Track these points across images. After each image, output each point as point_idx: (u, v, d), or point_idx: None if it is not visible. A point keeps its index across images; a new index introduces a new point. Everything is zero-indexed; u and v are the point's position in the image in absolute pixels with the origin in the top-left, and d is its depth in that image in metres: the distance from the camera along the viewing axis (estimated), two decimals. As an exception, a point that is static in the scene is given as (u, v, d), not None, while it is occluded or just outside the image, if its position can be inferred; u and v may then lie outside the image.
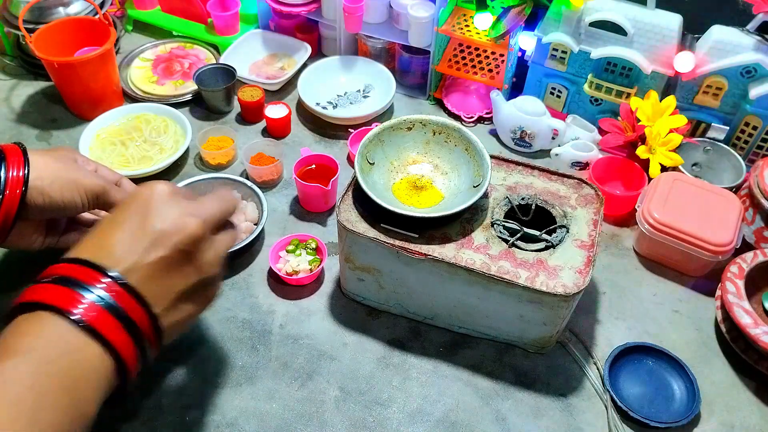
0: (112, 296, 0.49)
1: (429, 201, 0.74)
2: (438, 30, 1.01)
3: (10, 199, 0.63)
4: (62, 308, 0.47)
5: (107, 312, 0.48)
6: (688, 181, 0.85)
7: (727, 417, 0.72)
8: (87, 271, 0.50)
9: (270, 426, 0.69)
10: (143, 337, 0.51)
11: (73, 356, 0.47)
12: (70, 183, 0.67)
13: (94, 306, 0.48)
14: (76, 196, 0.67)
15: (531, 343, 0.75)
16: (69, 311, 0.47)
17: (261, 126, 1.05)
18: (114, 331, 0.48)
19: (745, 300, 0.73)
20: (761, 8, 0.85)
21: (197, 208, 0.56)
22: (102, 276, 0.49)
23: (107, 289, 0.49)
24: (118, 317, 0.49)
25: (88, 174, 0.69)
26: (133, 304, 0.50)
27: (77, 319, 0.47)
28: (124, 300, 0.49)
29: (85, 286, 0.49)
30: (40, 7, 1.07)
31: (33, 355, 0.46)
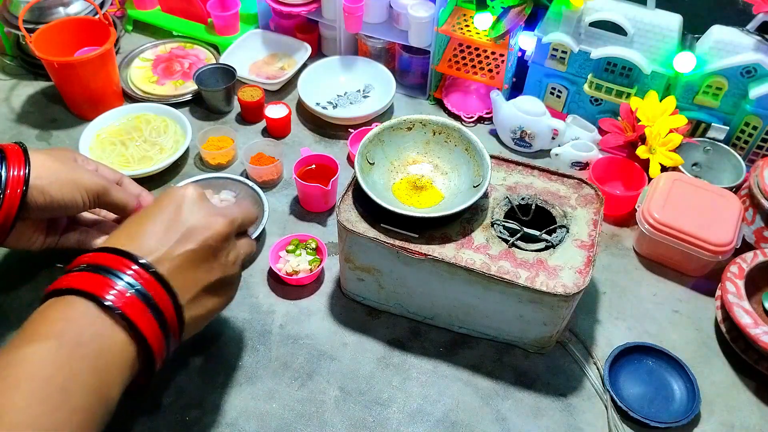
0: (141, 283, 0.51)
1: (429, 201, 0.74)
2: (438, 30, 1.01)
3: (11, 199, 0.64)
4: (94, 293, 0.49)
5: (137, 298, 0.50)
6: (688, 181, 0.85)
7: (727, 417, 0.72)
8: (117, 259, 0.51)
9: (270, 426, 0.69)
10: (168, 327, 0.52)
11: (102, 340, 0.48)
12: (71, 182, 0.67)
13: (124, 292, 0.50)
14: (76, 195, 0.67)
15: (531, 343, 0.75)
16: (101, 296, 0.49)
17: (261, 126, 1.05)
18: (143, 317, 0.50)
19: (745, 300, 0.73)
20: (761, 8, 0.85)
21: (224, 210, 0.60)
22: (132, 263, 0.51)
23: (136, 276, 0.51)
24: (147, 304, 0.51)
25: (88, 173, 0.69)
26: (162, 293, 0.52)
27: (109, 305, 0.49)
28: (153, 288, 0.51)
29: (115, 273, 0.50)
30: (40, 7, 1.07)
31: (64, 338, 0.47)
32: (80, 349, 0.47)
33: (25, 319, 0.76)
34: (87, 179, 0.68)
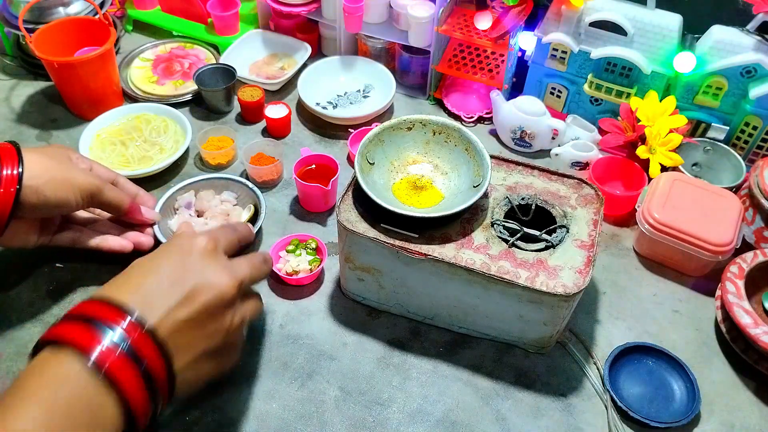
0: (132, 341, 0.48)
1: (429, 201, 0.74)
2: (438, 30, 1.01)
3: (5, 198, 0.63)
4: (80, 349, 0.46)
5: (126, 358, 0.47)
6: (688, 181, 0.85)
7: (727, 417, 0.72)
8: (112, 310, 0.49)
9: (270, 426, 0.69)
10: (157, 390, 0.49)
11: (84, 401, 0.46)
12: (65, 182, 0.67)
13: (114, 350, 0.47)
14: (70, 194, 0.67)
15: (531, 343, 0.75)
16: (87, 354, 0.46)
17: (261, 126, 1.05)
18: (129, 379, 0.47)
19: (745, 300, 0.73)
20: (761, 8, 0.85)
21: (234, 268, 0.56)
22: (126, 316, 0.49)
23: (129, 332, 0.48)
24: (136, 364, 0.48)
25: (82, 173, 0.69)
26: (154, 354, 0.49)
27: (92, 364, 0.46)
28: (146, 347, 0.48)
29: (107, 326, 0.48)
30: (40, 7, 1.07)
31: (45, 395, 0.45)
32: (60, 409, 0.45)
33: (25, 319, 0.76)
34: (81, 179, 0.68)
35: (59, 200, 0.66)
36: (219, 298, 0.54)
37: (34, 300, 0.78)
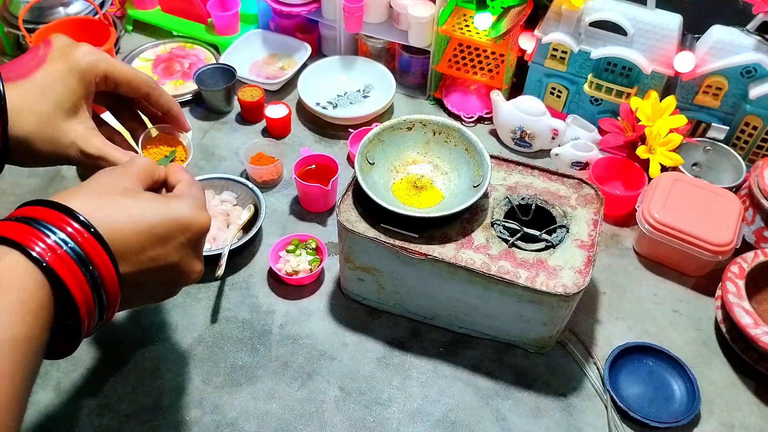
0: (77, 242, 0.44)
1: (429, 201, 0.74)
2: (438, 30, 1.01)
3: None
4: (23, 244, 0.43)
5: (68, 255, 0.44)
6: (688, 181, 0.85)
7: (727, 417, 0.72)
8: (53, 213, 0.45)
9: (270, 426, 0.69)
10: (104, 294, 0.46)
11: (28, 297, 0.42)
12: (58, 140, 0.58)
13: (54, 247, 0.43)
14: (67, 159, 0.59)
15: (531, 343, 0.75)
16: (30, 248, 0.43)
17: (261, 126, 1.05)
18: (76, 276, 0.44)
19: (745, 300, 0.73)
20: (761, 8, 0.85)
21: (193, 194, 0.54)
22: (68, 220, 0.45)
23: (73, 234, 0.45)
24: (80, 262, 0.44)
25: (85, 130, 0.60)
26: (100, 255, 0.45)
27: (37, 257, 0.42)
28: (91, 249, 0.45)
29: (50, 228, 0.44)
30: (40, 7, 1.07)
31: None
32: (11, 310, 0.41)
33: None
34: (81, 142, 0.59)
35: (51, 159, 0.58)
36: (174, 221, 0.51)
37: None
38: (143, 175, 0.54)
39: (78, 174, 0.95)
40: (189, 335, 0.76)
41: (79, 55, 0.60)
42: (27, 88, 0.57)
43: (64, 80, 0.59)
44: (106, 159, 0.60)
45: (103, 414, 0.69)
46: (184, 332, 0.77)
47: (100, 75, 0.61)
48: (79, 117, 0.60)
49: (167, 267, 0.52)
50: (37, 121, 0.57)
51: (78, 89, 0.59)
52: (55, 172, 0.95)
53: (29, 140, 0.57)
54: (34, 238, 0.43)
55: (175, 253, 0.52)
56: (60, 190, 0.84)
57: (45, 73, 0.58)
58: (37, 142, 0.57)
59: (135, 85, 0.64)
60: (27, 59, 0.59)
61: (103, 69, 0.61)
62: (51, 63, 0.59)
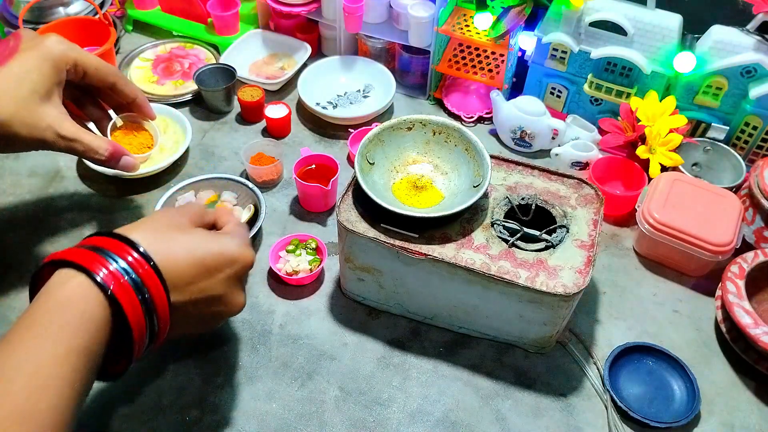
0: (136, 272, 0.49)
1: (429, 201, 0.74)
2: (438, 30, 1.01)
3: None
4: (87, 269, 0.48)
5: (129, 285, 0.49)
6: (688, 181, 0.85)
7: (727, 417, 0.72)
8: (117, 244, 0.50)
9: (270, 426, 0.69)
10: (156, 322, 0.51)
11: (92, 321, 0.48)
12: (35, 123, 0.61)
13: (117, 275, 0.48)
14: (43, 142, 0.62)
15: (531, 343, 0.75)
16: (93, 273, 0.48)
17: (261, 126, 1.05)
18: (133, 304, 0.49)
19: (745, 300, 0.73)
20: (761, 8, 0.85)
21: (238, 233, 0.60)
22: (130, 250, 0.50)
23: (133, 264, 0.49)
24: (139, 291, 0.49)
25: (59, 115, 0.62)
26: (156, 286, 0.50)
27: (99, 284, 0.47)
28: (149, 279, 0.50)
29: (111, 255, 0.49)
30: (40, 7, 1.07)
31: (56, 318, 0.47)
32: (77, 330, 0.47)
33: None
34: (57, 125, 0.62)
35: (30, 144, 0.61)
36: (222, 255, 0.56)
37: (34, 300, 0.78)
38: (195, 217, 0.59)
39: (78, 174, 0.95)
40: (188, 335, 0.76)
41: (50, 44, 0.63)
42: (3, 75, 0.60)
43: (38, 68, 0.61)
44: (80, 141, 0.64)
45: (103, 414, 0.69)
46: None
47: (70, 63, 0.64)
48: (53, 102, 0.63)
49: (213, 298, 0.56)
50: (15, 105, 0.59)
51: (51, 76, 0.62)
52: (55, 172, 0.95)
53: (8, 124, 0.59)
54: (99, 264, 0.48)
55: (221, 286, 0.56)
56: (60, 190, 0.87)
57: (19, 61, 0.61)
58: (15, 126, 0.60)
59: (103, 73, 0.68)
60: (0, 48, 0.62)
61: (74, 57, 0.64)
62: (24, 52, 0.62)
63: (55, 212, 0.89)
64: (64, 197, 0.91)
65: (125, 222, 0.88)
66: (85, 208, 0.90)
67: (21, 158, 0.97)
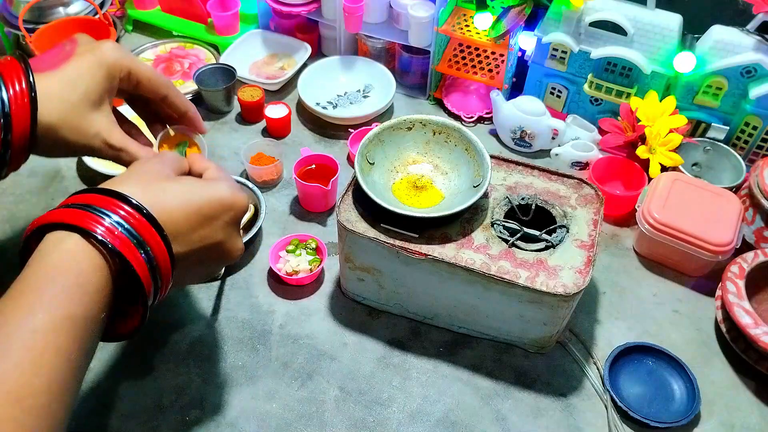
0: (131, 224, 0.47)
1: (429, 201, 0.74)
2: (438, 30, 1.01)
3: (21, 114, 0.56)
4: (84, 227, 0.46)
5: (127, 238, 0.47)
6: (688, 181, 0.85)
7: (727, 417, 0.72)
8: (105, 199, 0.48)
9: (270, 426, 0.69)
10: (159, 274, 0.49)
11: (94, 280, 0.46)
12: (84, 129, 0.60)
13: (112, 229, 0.46)
14: (90, 149, 0.61)
15: (531, 343, 0.75)
16: (92, 231, 0.46)
17: (261, 126, 1.05)
18: (136, 256, 0.47)
19: (745, 300, 0.73)
20: (761, 8, 0.85)
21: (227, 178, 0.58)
22: (120, 204, 0.48)
23: (126, 216, 0.47)
24: (138, 244, 0.47)
25: (109, 123, 0.62)
26: (154, 237, 0.48)
27: (101, 239, 0.45)
28: (145, 230, 0.48)
29: (103, 210, 0.47)
30: (40, 7, 1.07)
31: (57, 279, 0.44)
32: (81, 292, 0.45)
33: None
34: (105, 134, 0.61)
35: (76, 148, 0.61)
36: (218, 201, 0.54)
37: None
38: (176, 165, 0.57)
39: (78, 174, 0.95)
40: (189, 335, 0.76)
41: (106, 51, 0.62)
42: (56, 78, 0.59)
43: (91, 73, 0.60)
44: (126, 151, 0.63)
45: (103, 414, 0.69)
46: (184, 332, 0.76)
47: (124, 71, 0.63)
48: (103, 110, 0.62)
49: (214, 245, 0.55)
50: (65, 109, 0.59)
51: (103, 83, 0.61)
52: (55, 172, 0.95)
53: (56, 127, 0.59)
54: (93, 222, 0.46)
55: (220, 232, 0.55)
56: (60, 191, 0.86)
57: (74, 65, 0.60)
58: (63, 130, 0.59)
59: (155, 84, 0.66)
60: (54, 53, 0.62)
61: (128, 66, 0.63)
62: (79, 56, 0.61)
63: (55, 212, 0.89)
64: (64, 197, 0.91)
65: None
66: (85, 208, 0.90)
67: (21, 158, 0.97)
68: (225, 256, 0.58)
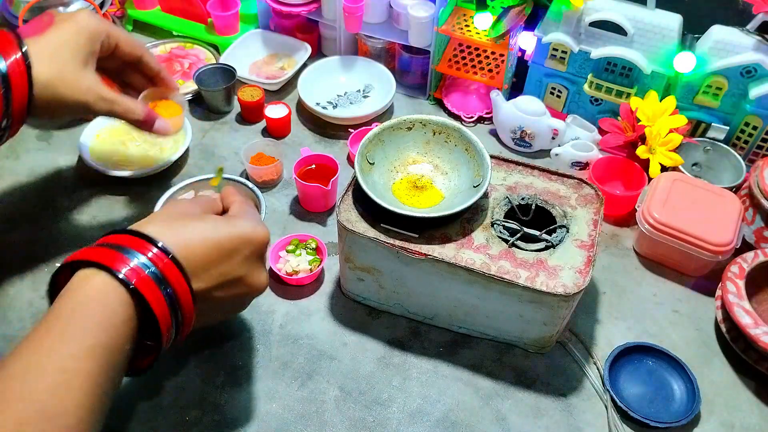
0: (157, 267, 0.50)
1: (429, 201, 0.74)
2: (438, 30, 1.01)
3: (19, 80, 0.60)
4: (108, 267, 0.48)
5: (151, 279, 0.49)
6: (688, 181, 0.85)
7: (727, 417, 0.72)
8: (136, 240, 0.50)
9: (270, 426, 0.69)
10: (180, 314, 0.51)
11: (118, 317, 0.48)
12: (78, 84, 0.65)
13: (138, 270, 0.49)
14: (85, 104, 0.66)
15: (531, 343, 0.75)
16: (115, 271, 0.48)
17: (261, 126, 1.05)
18: (157, 298, 0.49)
19: (745, 300, 0.73)
20: (761, 8, 0.85)
21: (252, 214, 0.60)
22: (150, 246, 0.50)
23: (154, 259, 0.50)
24: (161, 285, 0.49)
25: (97, 79, 0.67)
26: (178, 278, 0.51)
27: (123, 278, 0.48)
28: (170, 273, 0.50)
29: (132, 251, 0.50)
30: (40, 7, 1.06)
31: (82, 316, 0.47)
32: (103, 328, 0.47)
33: (25, 319, 0.76)
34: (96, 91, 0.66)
35: (73, 107, 0.66)
36: (237, 236, 0.56)
37: (34, 300, 0.79)
38: (206, 206, 0.60)
39: (78, 174, 0.95)
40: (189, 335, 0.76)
41: (84, 17, 0.67)
42: (44, 41, 0.64)
43: (74, 37, 0.66)
44: (119, 103, 0.69)
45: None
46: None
47: (103, 34, 0.68)
48: (91, 68, 0.68)
49: (235, 280, 0.57)
50: (57, 67, 0.64)
51: (87, 45, 0.67)
52: (55, 172, 0.95)
53: (53, 85, 0.63)
54: (120, 261, 0.49)
55: (241, 267, 0.57)
56: (60, 190, 0.88)
57: (57, 30, 0.66)
58: (59, 87, 0.64)
59: (132, 45, 0.72)
60: (35, 23, 0.67)
61: (106, 29, 0.69)
62: (60, 23, 0.66)
63: (55, 212, 0.89)
64: (64, 197, 0.91)
65: (125, 222, 0.89)
66: (85, 207, 0.90)
67: (21, 158, 0.97)
68: (248, 291, 0.59)
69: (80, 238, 0.86)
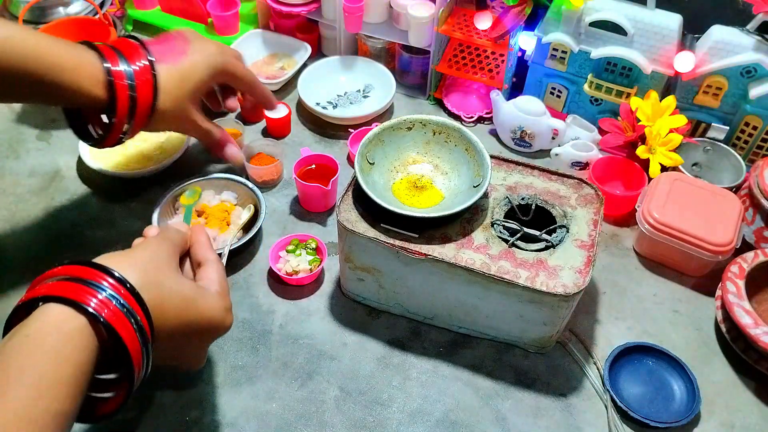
0: (121, 297, 0.48)
1: (429, 201, 0.74)
2: (438, 30, 1.01)
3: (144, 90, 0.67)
4: (76, 300, 0.46)
5: (120, 311, 0.47)
6: (688, 181, 0.85)
7: (727, 417, 0.72)
8: (94, 272, 0.48)
9: (270, 426, 0.69)
10: (148, 347, 0.49)
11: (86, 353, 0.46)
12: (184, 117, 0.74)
13: (106, 302, 0.47)
14: (180, 131, 0.77)
15: (531, 343, 0.75)
16: (83, 305, 0.46)
17: (261, 126, 1.05)
18: (129, 330, 0.47)
19: (745, 300, 0.73)
20: (761, 8, 0.85)
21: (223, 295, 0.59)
22: (105, 276, 0.48)
23: (115, 288, 0.48)
24: (131, 317, 0.48)
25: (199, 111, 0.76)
26: (141, 311, 0.49)
27: (93, 312, 0.46)
28: (134, 305, 0.49)
29: (95, 284, 0.47)
30: (40, 7, 1.07)
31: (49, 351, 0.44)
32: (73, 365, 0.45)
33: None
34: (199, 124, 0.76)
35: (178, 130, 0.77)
36: (208, 323, 0.56)
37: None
38: (178, 250, 0.59)
39: (78, 174, 0.95)
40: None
41: (216, 54, 0.76)
42: (174, 72, 0.71)
43: (200, 72, 0.73)
44: (211, 132, 0.79)
45: (103, 414, 0.69)
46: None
47: (228, 74, 0.77)
48: (198, 101, 0.76)
49: (182, 353, 0.57)
50: (175, 101, 0.71)
51: (207, 81, 0.74)
52: (55, 172, 0.95)
53: (165, 115, 0.71)
54: (88, 295, 0.47)
55: (194, 347, 0.58)
56: (60, 190, 0.90)
57: (189, 63, 0.72)
58: (167, 116, 0.71)
59: (248, 81, 0.81)
60: (172, 45, 0.73)
61: (231, 70, 0.78)
62: (193, 54, 0.73)
63: (55, 212, 0.89)
64: (64, 197, 0.91)
65: (125, 222, 0.89)
66: (84, 208, 0.90)
67: (21, 158, 0.97)
68: (183, 364, 0.59)
69: (80, 238, 0.86)
